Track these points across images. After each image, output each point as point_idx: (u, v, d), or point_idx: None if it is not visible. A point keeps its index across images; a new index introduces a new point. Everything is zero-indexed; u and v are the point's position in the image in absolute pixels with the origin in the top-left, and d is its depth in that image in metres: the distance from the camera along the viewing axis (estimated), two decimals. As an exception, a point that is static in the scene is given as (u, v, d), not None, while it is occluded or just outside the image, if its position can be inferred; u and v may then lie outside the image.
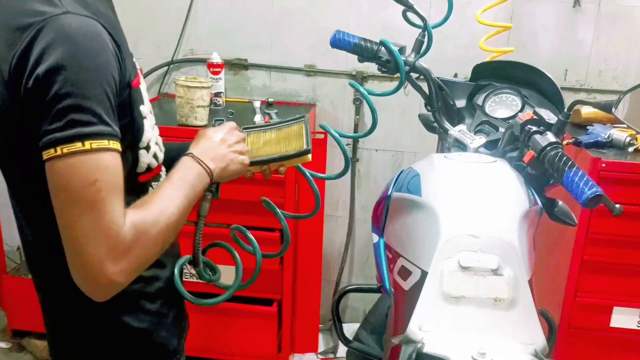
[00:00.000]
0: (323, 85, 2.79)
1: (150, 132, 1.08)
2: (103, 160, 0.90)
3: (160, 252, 0.99)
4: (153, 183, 1.12)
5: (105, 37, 0.94)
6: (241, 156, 1.16)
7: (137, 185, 1.07)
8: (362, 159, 2.87)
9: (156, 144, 1.12)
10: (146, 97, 1.09)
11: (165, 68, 2.84)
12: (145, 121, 1.06)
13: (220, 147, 1.13)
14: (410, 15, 1.68)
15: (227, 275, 1.23)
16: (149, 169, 1.10)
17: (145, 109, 1.06)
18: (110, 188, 0.90)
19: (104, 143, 0.90)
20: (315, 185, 1.25)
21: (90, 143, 0.89)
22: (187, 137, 2.25)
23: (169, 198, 1.01)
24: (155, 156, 1.11)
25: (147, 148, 1.08)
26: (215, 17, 2.77)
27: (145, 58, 2.77)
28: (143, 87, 1.08)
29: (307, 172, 1.26)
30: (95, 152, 0.89)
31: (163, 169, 1.19)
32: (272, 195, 2.31)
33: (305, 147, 1.20)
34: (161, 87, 2.86)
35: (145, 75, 2.76)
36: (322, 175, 1.31)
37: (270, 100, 2.71)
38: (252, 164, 1.19)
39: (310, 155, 1.20)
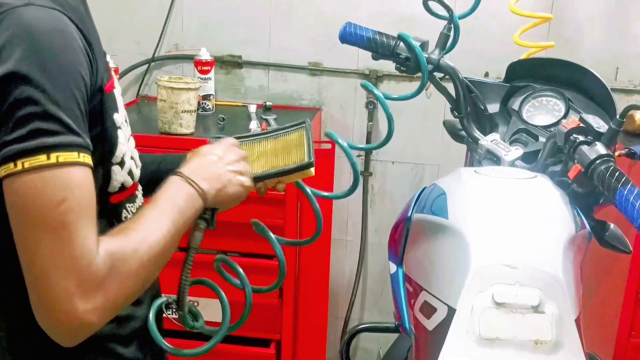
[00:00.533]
0: (330, 87, 2.80)
1: (125, 145, 1.08)
2: (72, 176, 0.90)
3: (142, 288, 0.98)
4: (127, 205, 1.12)
5: (73, 32, 0.94)
6: (241, 177, 1.14)
7: (108, 208, 1.07)
8: (376, 173, 2.87)
9: (132, 158, 1.12)
10: (121, 103, 1.09)
11: (145, 66, 2.85)
12: (119, 132, 1.05)
13: (215, 166, 1.12)
14: (432, 4, 1.69)
15: (217, 309, 1.22)
16: (122, 188, 1.09)
17: (120, 117, 1.06)
18: (80, 209, 0.90)
19: (73, 156, 0.90)
20: (317, 206, 1.24)
21: (57, 156, 0.88)
22: (171, 147, 2.28)
23: (153, 224, 1.00)
24: (130, 173, 1.10)
25: (121, 164, 1.07)
26: (203, 6, 2.79)
27: (121, 55, 2.78)
28: (117, 91, 1.08)
29: (308, 189, 1.25)
30: (62, 167, 0.89)
31: (139, 188, 1.19)
32: (269, 216, 2.33)
33: (306, 159, 1.19)
34: (140, 88, 2.87)
35: (121, 75, 2.78)
36: (326, 193, 1.30)
37: (267, 103, 2.72)
38: None
39: (312, 170, 1.19)
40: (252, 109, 2.63)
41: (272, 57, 2.80)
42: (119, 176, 1.07)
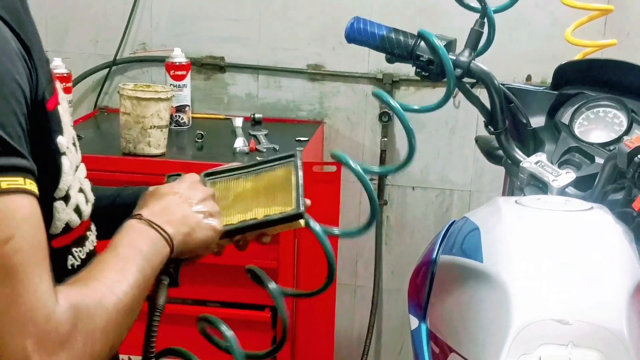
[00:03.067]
0: (334, 95, 2.81)
1: (71, 175, 1.08)
2: (19, 207, 0.89)
3: (110, 349, 0.98)
4: (74, 249, 1.12)
5: (6, 34, 0.94)
6: (211, 219, 1.17)
7: (49, 254, 1.06)
8: (393, 201, 2.87)
9: (80, 191, 1.12)
10: (67, 122, 1.09)
11: (105, 71, 2.86)
12: (63, 159, 1.05)
13: (179, 206, 1.15)
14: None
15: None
16: (67, 228, 1.09)
17: (65, 140, 1.06)
18: (31, 248, 0.89)
19: (18, 182, 0.89)
20: (329, 246, 1.23)
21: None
22: (137, 172, 2.28)
23: (117, 272, 1.00)
24: (77, 210, 1.10)
25: (66, 198, 1.07)
26: (177, -4, 2.81)
27: (75, 57, 2.80)
28: (63, 107, 1.08)
29: (317, 226, 1.24)
30: (6, 195, 0.88)
31: (92, 227, 1.19)
32: (261, 256, 2.31)
33: (294, 206, 1.20)
34: (98, 98, 2.89)
35: (75, 82, 2.78)
36: (339, 231, 1.30)
37: (257, 116, 2.73)
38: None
39: (302, 221, 1.20)
40: (238, 122, 2.63)
41: (263, 58, 2.81)
42: (62, 214, 1.07)
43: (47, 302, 0.89)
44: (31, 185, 0.91)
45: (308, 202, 1.24)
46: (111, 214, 1.26)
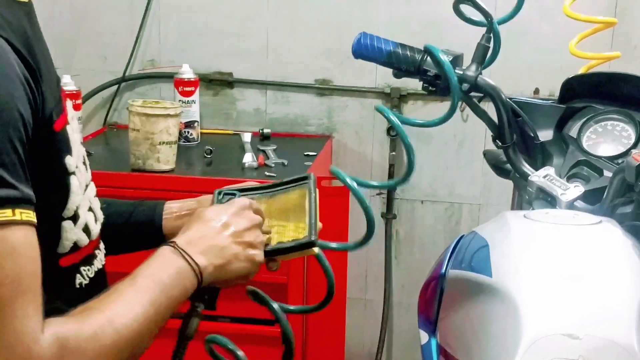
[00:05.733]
0: (342, 109, 2.82)
1: (80, 195, 1.09)
2: (9, 239, 0.90)
3: None
4: (82, 268, 1.12)
5: (10, 58, 0.94)
6: (252, 250, 1.16)
7: (57, 273, 1.07)
8: (402, 215, 2.87)
9: (90, 210, 1.13)
10: (76, 142, 1.09)
11: (114, 87, 2.88)
12: (72, 179, 1.06)
13: (219, 236, 1.14)
14: (466, 8, 1.69)
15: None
16: (75, 247, 1.09)
17: (74, 160, 1.07)
18: (17, 282, 0.90)
19: (7, 214, 0.90)
20: (327, 263, 1.24)
21: None
22: (146, 188, 2.29)
23: (124, 304, 1.00)
24: (86, 229, 1.11)
25: (74, 218, 1.08)
26: (185, 12, 2.82)
27: (84, 74, 2.81)
28: (73, 127, 1.09)
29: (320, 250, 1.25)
30: None
31: (100, 246, 1.19)
32: (269, 272, 2.32)
33: (306, 236, 1.20)
34: (108, 115, 2.90)
35: (85, 99, 2.79)
36: (335, 245, 1.30)
37: (266, 131, 2.73)
38: None
39: (316, 249, 1.20)
40: (247, 138, 2.64)
41: (271, 73, 2.82)
42: (70, 234, 1.08)
43: (30, 334, 0.90)
44: (23, 214, 0.92)
45: (320, 225, 1.23)
46: (125, 231, 1.26)
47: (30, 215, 0.93)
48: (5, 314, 0.89)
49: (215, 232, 1.14)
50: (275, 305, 1.21)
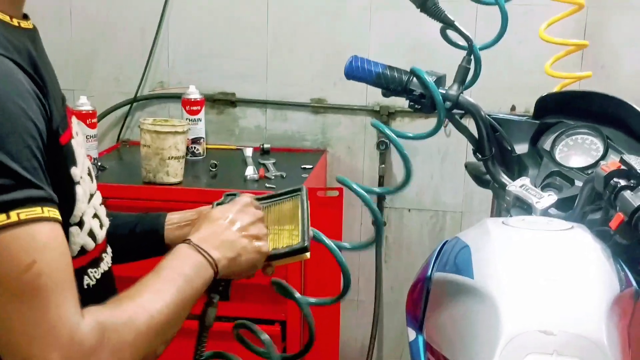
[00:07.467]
0: (336, 126, 2.82)
1: (85, 203, 1.09)
2: (39, 234, 0.90)
3: None
4: (90, 270, 1.13)
5: (20, 76, 0.95)
6: (257, 242, 1.18)
7: None
8: (391, 222, 2.87)
9: (95, 216, 1.13)
10: (81, 154, 1.10)
11: (127, 107, 2.88)
12: (77, 188, 1.07)
13: (227, 231, 1.16)
14: (451, 32, 1.70)
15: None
16: (82, 251, 1.10)
17: (79, 171, 1.07)
18: (53, 272, 0.90)
19: (36, 211, 0.90)
20: (343, 260, 1.25)
21: (18, 213, 0.88)
22: (156, 199, 2.29)
23: (154, 292, 1.02)
24: (92, 234, 1.11)
25: (80, 224, 1.08)
26: (192, 38, 2.83)
27: (99, 95, 2.81)
28: (77, 141, 1.09)
29: (329, 242, 1.26)
30: (26, 225, 0.89)
31: (107, 250, 1.19)
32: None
33: (299, 242, 1.20)
34: (121, 132, 2.90)
35: (100, 118, 2.79)
36: (349, 245, 1.31)
37: (266, 146, 2.73)
38: None
39: (308, 254, 1.21)
40: (248, 152, 2.65)
41: (270, 93, 2.83)
42: (77, 238, 1.08)
43: (71, 319, 0.90)
44: (50, 212, 0.92)
45: (311, 233, 1.25)
46: (130, 240, 1.27)
47: (56, 214, 0.93)
48: (47, 302, 0.89)
49: (224, 228, 1.17)
50: (299, 296, 1.23)
